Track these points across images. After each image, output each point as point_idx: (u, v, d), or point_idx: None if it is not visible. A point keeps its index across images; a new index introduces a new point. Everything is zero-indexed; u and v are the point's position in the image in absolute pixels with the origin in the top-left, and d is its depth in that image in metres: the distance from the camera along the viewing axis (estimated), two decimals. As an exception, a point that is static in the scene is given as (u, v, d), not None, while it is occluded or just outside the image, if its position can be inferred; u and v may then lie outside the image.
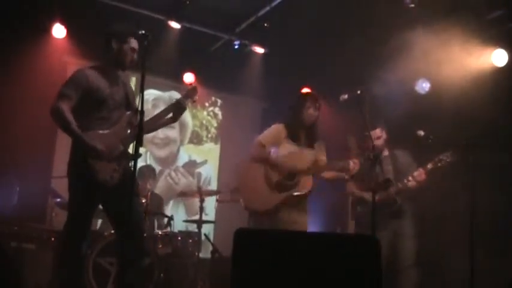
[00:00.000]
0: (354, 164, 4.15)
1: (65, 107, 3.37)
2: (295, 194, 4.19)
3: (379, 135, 4.83)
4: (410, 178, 4.57)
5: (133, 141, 3.25)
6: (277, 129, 4.37)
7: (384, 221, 4.45)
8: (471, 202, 4.11)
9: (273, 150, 4.24)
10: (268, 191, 4.21)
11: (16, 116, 6.20)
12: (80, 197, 3.45)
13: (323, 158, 4.36)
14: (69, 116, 3.37)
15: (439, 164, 4.51)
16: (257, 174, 4.25)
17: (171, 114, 3.77)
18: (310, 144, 4.36)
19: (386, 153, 4.91)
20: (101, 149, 3.36)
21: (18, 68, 6.27)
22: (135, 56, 3.63)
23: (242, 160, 4.44)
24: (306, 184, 4.21)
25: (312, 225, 6.74)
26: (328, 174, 4.37)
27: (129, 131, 3.59)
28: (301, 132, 4.36)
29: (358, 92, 3.98)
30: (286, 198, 4.17)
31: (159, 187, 7.36)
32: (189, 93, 3.86)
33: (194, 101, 3.91)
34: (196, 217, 5.87)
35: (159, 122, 3.78)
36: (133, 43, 3.60)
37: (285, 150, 4.26)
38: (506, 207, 5.14)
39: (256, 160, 4.28)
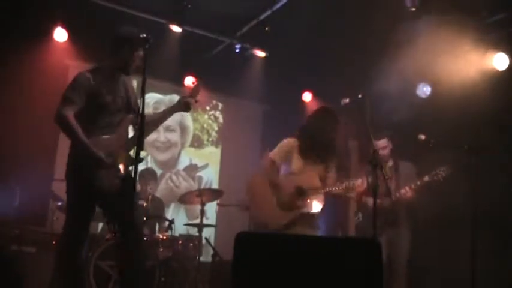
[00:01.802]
0: (361, 182, 4.09)
1: (70, 113, 3.31)
2: (304, 212, 4.12)
3: (385, 145, 4.90)
4: (407, 189, 4.64)
5: (134, 145, 3.21)
6: (288, 144, 4.26)
7: (380, 228, 4.45)
8: (472, 203, 4.12)
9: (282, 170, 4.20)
10: (278, 209, 4.10)
11: (18, 119, 6.20)
12: (78, 200, 3.42)
13: (332, 175, 4.27)
14: (75, 123, 3.31)
15: (435, 178, 4.56)
16: (267, 191, 4.16)
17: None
18: (323, 161, 4.24)
19: (391, 163, 4.95)
20: (106, 159, 3.32)
21: (19, 71, 6.27)
22: (142, 63, 3.52)
23: (253, 175, 4.35)
24: (316, 202, 4.14)
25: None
26: (335, 191, 4.22)
27: (131, 135, 3.57)
28: (315, 149, 4.21)
29: (359, 96, 3.94)
30: (295, 217, 4.09)
31: (160, 190, 7.35)
32: (193, 92, 3.83)
33: (197, 101, 3.85)
34: (197, 221, 5.85)
35: (162, 122, 3.77)
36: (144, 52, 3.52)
37: (294, 167, 4.20)
38: (507, 208, 5.15)
39: (267, 178, 4.20)
